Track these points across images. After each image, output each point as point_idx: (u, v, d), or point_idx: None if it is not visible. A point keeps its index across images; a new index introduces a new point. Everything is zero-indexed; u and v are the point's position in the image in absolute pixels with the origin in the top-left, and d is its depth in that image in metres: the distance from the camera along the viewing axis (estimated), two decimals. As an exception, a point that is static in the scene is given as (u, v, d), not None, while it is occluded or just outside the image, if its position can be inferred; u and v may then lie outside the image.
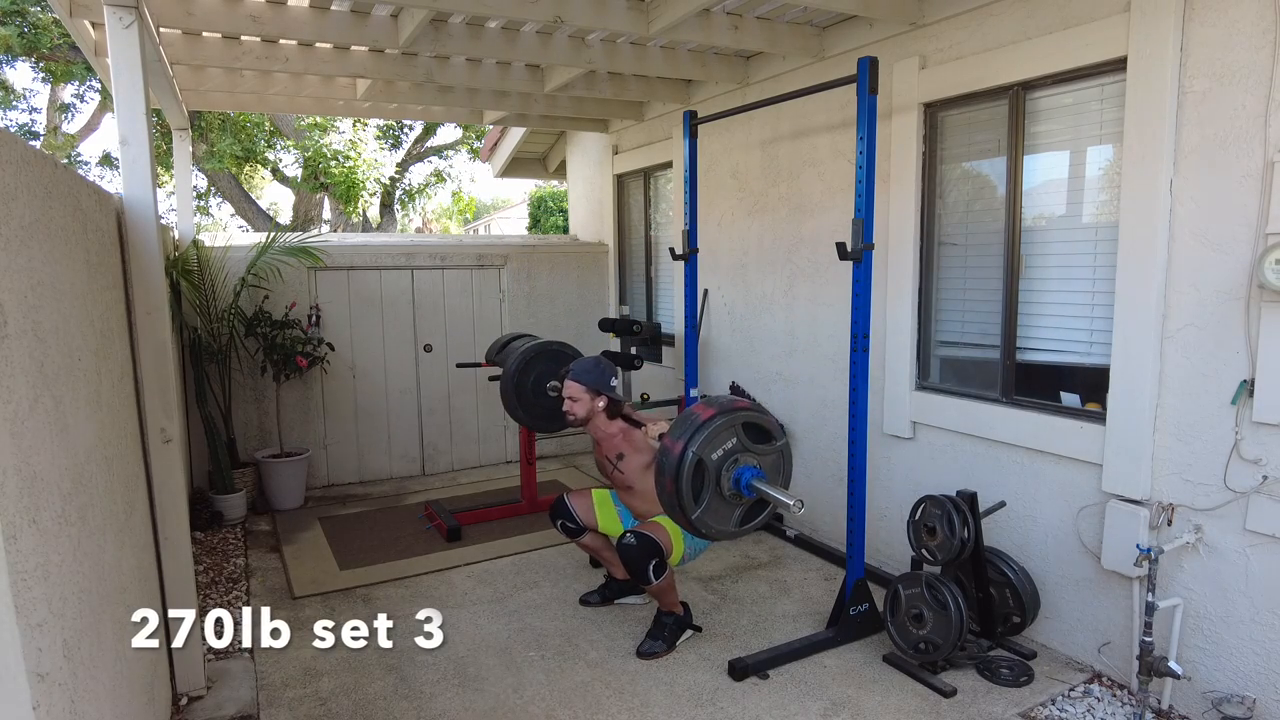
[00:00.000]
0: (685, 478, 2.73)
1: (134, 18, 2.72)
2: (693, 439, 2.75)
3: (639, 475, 3.44)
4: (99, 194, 2.51)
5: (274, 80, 4.92)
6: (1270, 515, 2.62)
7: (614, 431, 3.50)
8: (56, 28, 9.06)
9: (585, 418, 3.48)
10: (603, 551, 3.77)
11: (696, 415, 2.82)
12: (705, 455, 2.77)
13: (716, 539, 2.94)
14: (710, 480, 2.80)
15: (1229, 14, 2.63)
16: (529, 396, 4.21)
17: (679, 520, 2.85)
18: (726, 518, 2.89)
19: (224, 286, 5.18)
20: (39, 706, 1.40)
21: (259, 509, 5.32)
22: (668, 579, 3.31)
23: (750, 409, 2.91)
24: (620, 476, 3.50)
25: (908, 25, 3.77)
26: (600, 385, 3.44)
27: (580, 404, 3.46)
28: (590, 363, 3.51)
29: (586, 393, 3.45)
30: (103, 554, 2.04)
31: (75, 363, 1.93)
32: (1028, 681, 3.12)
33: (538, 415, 4.28)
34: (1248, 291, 2.63)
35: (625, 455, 3.47)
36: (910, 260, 3.88)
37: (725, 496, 2.84)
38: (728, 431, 2.82)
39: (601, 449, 3.57)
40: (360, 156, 11.76)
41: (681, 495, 2.74)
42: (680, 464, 2.74)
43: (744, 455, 2.85)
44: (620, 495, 3.63)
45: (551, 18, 3.59)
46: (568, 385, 3.49)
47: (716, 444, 2.79)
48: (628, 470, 3.47)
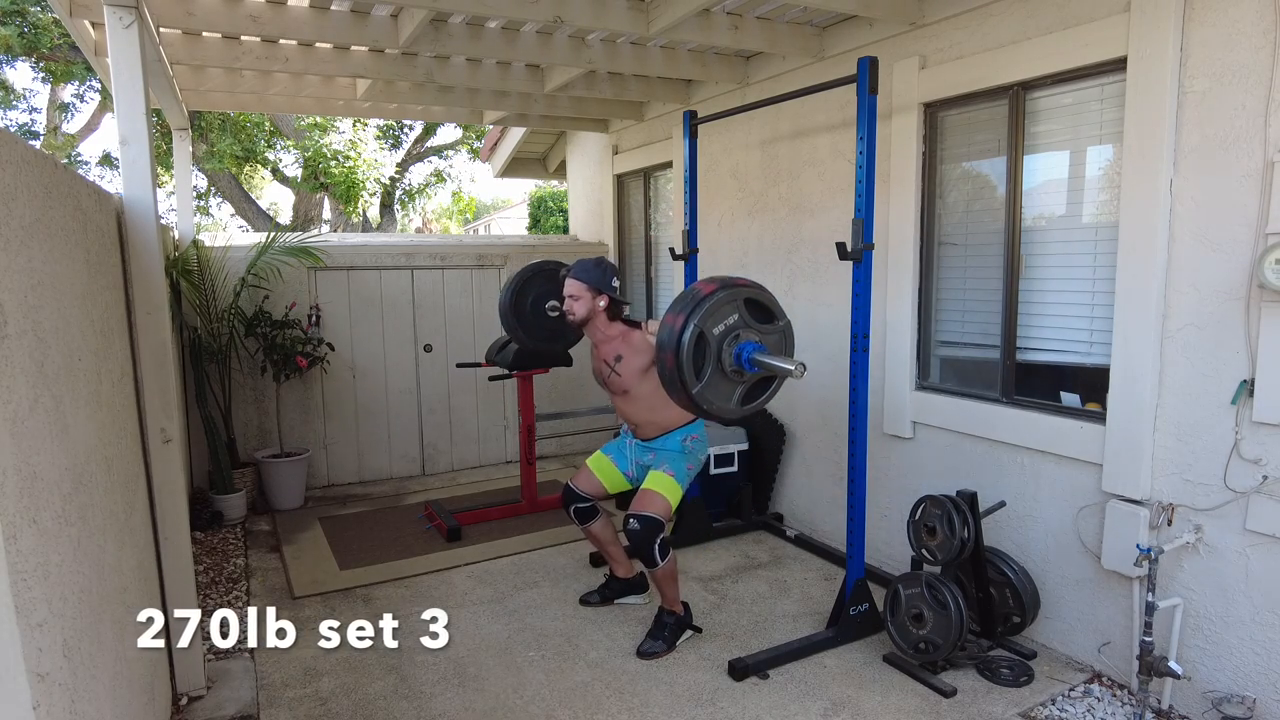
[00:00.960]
0: (686, 352, 2.67)
1: (134, 18, 2.72)
2: (694, 313, 2.69)
3: (637, 379, 3.39)
4: (99, 194, 2.51)
5: (274, 80, 4.92)
6: (1270, 515, 2.63)
7: (614, 334, 3.44)
8: (56, 28, 9.05)
9: (586, 317, 3.41)
10: (609, 546, 3.76)
11: (698, 290, 2.77)
12: (707, 329, 2.70)
13: (719, 417, 2.86)
14: (711, 355, 2.73)
15: (1229, 14, 2.63)
16: (528, 316, 4.14)
17: (680, 398, 2.78)
18: (728, 395, 2.83)
19: (224, 286, 5.18)
20: (39, 706, 1.40)
21: (259, 509, 5.32)
22: (670, 565, 3.33)
23: (752, 285, 2.85)
24: (617, 380, 3.44)
25: (908, 25, 3.77)
26: (602, 284, 3.38)
27: (581, 302, 3.40)
28: (591, 262, 3.44)
29: (588, 291, 3.38)
30: (103, 554, 2.04)
31: (75, 363, 1.93)
32: (1028, 681, 3.12)
33: (538, 336, 4.19)
34: (1248, 291, 2.63)
35: (623, 357, 3.40)
36: (910, 260, 3.88)
37: (726, 373, 2.78)
38: (729, 307, 2.76)
39: (600, 352, 3.51)
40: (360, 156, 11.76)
41: (682, 370, 2.68)
42: (681, 338, 2.67)
43: (746, 331, 2.79)
44: (615, 403, 3.56)
45: (551, 18, 3.59)
46: (569, 284, 3.42)
47: (718, 319, 2.73)
48: (625, 373, 3.40)
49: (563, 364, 5.09)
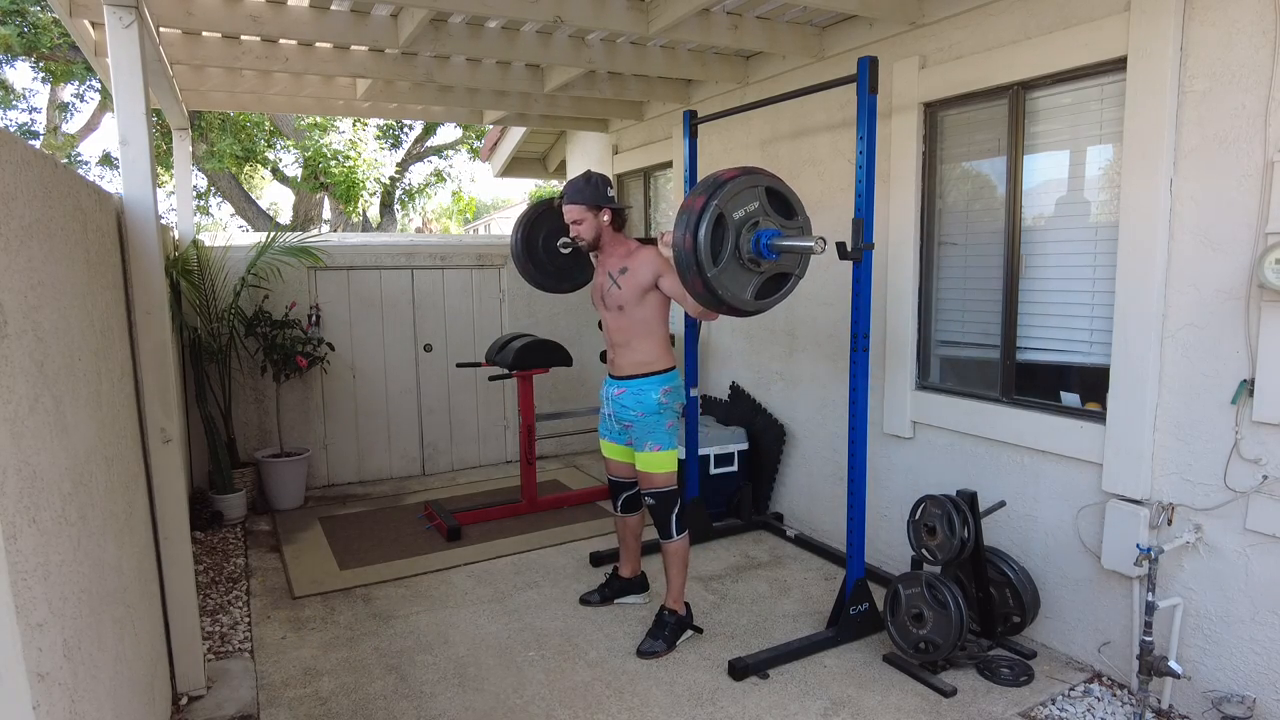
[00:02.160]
0: (705, 233, 2.61)
1: (134, 17, 2.72)
2: (715, 194, 2.65)
3: (635, 296, 3.30)
4: (99, 194, 2.51)
5: (274, 80, 4.92)
6: (1270, 515, 2.63)
7: (622, 250, 3.38)
8: (56, 27, 9.06)
9: (595, 237, 3.35)
10: (631, 540, 3.79)
11: (720, 174, 2.74)
12: (727, 212, 2.67)
13: (732, 307, 2.81)
14: (729, 239, 2.70)
15: (1229, 14, 2.63)
16: (540, 255, 4.12)
17: (695, 284, 2.72)
18: (744, 285, 2.80)
19: (224, 286, 5.18)
20: (39, 706, 1.40)
21: (259, 509, 5.32)
22: (684, 543, 3.41)
23: (773, 176, 2.82)
24: (615, 293, 3.34)
25: (908, 25, 3.77)
26: (598, 199, 3.31)
27: (586, 224, 3.33)
28: (580, 180, 3.35)
29: (588, 210, 3.32)
30: (103, 554, 2.04)
31: (75, 363, 1.93)
32: (1028, 681, 3.12)
33: (551, 274, 4.17)
34: (1248, 291, 2.63)
35: (629, 269, 3.32)
36: (910, 260, 3.88)
37: (744, 261, 2.75)
38: (750, 193, 2.73)
39: (604, 265, 3.43)
40: (360, 156, 11.76)
41: (699, 251, 2.63)
42: (700, 218, 2.62)
43: (765, 220, 2.77)
44: (606, 322, 3.46)
45: (551, 18, 3.59)
46: (568, 210, 3.35)
47: (739, 204, 2.70)
48: (626, 286, 3.31)
49: (563, 364, 5.10)
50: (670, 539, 3.39)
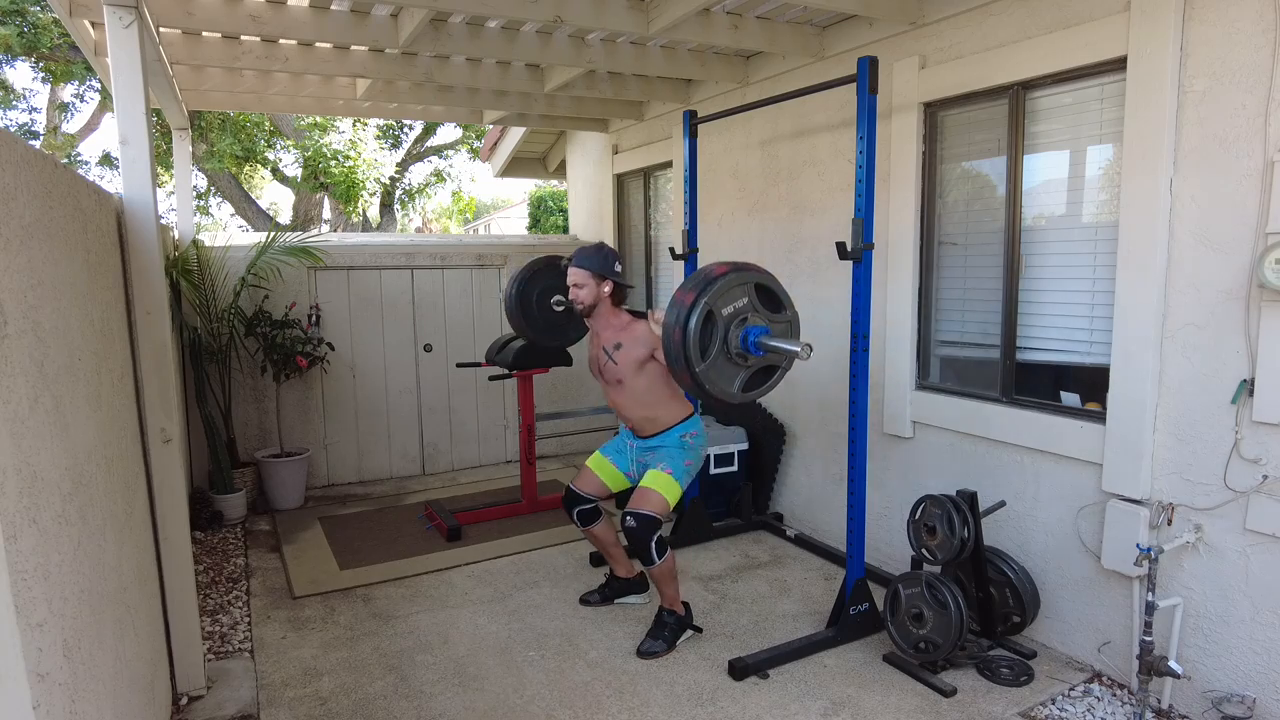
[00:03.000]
0: (694, 329, 2.68)
1: (134, 17, 2.72)
2: (704, 291, 2.70)
3: (632, 370, 3.38)
4: (99, 194, 2.51)
5: (274, 80, 4.92)
6: (1270, 515, 2.63)
7: (618, 322, 3.46)
8: (56, 27, 9.06)
9: (592, 304, 3.42)
10: (610, 547, 3.77)
11: (710, 270, 2.79)
12: (716, 309, 2.72)
13: (719, 400, 2.87)
14: (718, 335, 2.75)
15: (1229, 14, 2.63)
16: (534, 310, 4.15)
17: (683, 378, 2.79)
18: (731, 378, 2.85)
19: (224, 286, 5.18)
20: (39, 706, 1.40)
21: (259, 509, 5.32)
22: (669, 562, 3.34)
23: (763, 272, 2.87)
24: (612, 368, 3.42)
25: (908, 25, 3.77)
26: (605, 269, 3.39)
27: (586, 290, 3.40)
28: (593, 248, 3.44)
29: (592, 278, 3.39)
30: (103, 554, 2.04)
31: (75, 363, 1.93)
32: (1028, 681, 3.12)
33: (542, 329, 4.21)
34: (1248, 291, 2.63)
35: (623, 345, 3.39)
36: (910, 260, 3.88)
37: (732, 355, 2.80)
38: (740, 289, 2.78)
39: (599, 339, 3.50)
40: (360, 156, 11.75)
41: (688, 347, 2.69)
42: (690, 314, 2.68)
43: (754, 316, 2.81)
44: (608, 394, 3.54)
45: (551, 17, 3.59)
46: (572, 272, 3.42)
47: (728, 300, 2.75)
48: (622, 361, 3.39)
49: (563, 364, 5.09)
50: (653, 565, 3.32)
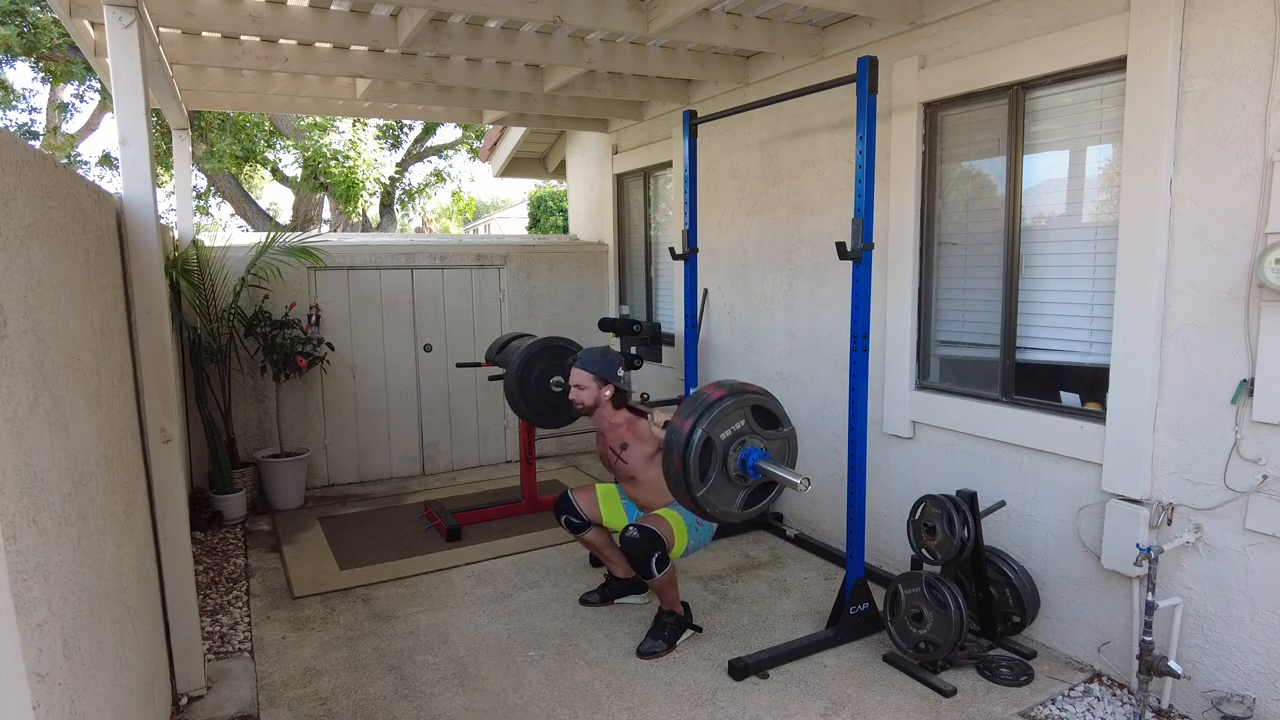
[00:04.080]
0: (693, 455, 2.75)
1: (134, 18, 2.72)
2: (702, 418, 2.77)
3: (642, 466, 3.47)
4: (99, 194, 2.51)
5: (274, 80, 4.92)
6: (1270, 515, 2.63)
7: (619, 421, 3.53)
8: (56, 28, 9.05)
9: (592, 405, 3.51)
10: (604, 550, 3.77)
11: (707, 395, 2.84)
12: (714, 434, 2.78)
13: (720, 520, 2.95)
14: (717, 460, 2.81)
15: (1229, 14, 2.63)
16: (532, 391, 4.24)
17: (684, 499, 2.86)
18: (731, 499, 2.90)
19: (224, 286, 5.19)
20: (39, 706, 1.40)
21: (259, 509, 5.32)
22: (669, 574, 3.32)
23: (759, 393, 2.93)
24: (624, 467, 3.52)
25: (907, 25, 3.77)
26: (608, 374, 3.48)
27: (587, 392, 3.49)
28: (598, 352, 3.54)
29: (594, 381, 3.48)
30: (103, 554, 2.04)
31: (75, 363, 1.93)
32: (1028, 681, 3.12)
33: (540, 410, 4.29)
34: (1247, 291, 2.63)
35: (629, 445, 3.49)
36: (910, 260, 3.88)
37: (731, 477, 2.86)
38: (737, 413, 2.83)
39: (605, 440, 3.59)
40: (360, 156, 11.75)
41: (689, 473, 2.75)
42: (689, 442, 2.75)
43: (751, 438, 2.87)
44: (625, 487, 3.64)
45: (551, 18, 3.59)
46: (575, 373, 3.51)
47: (725, 424, 2.81)
48: (631, 460, 3.49)
49: (563, 364, 5.10)
50: (652, 578, 3.28)
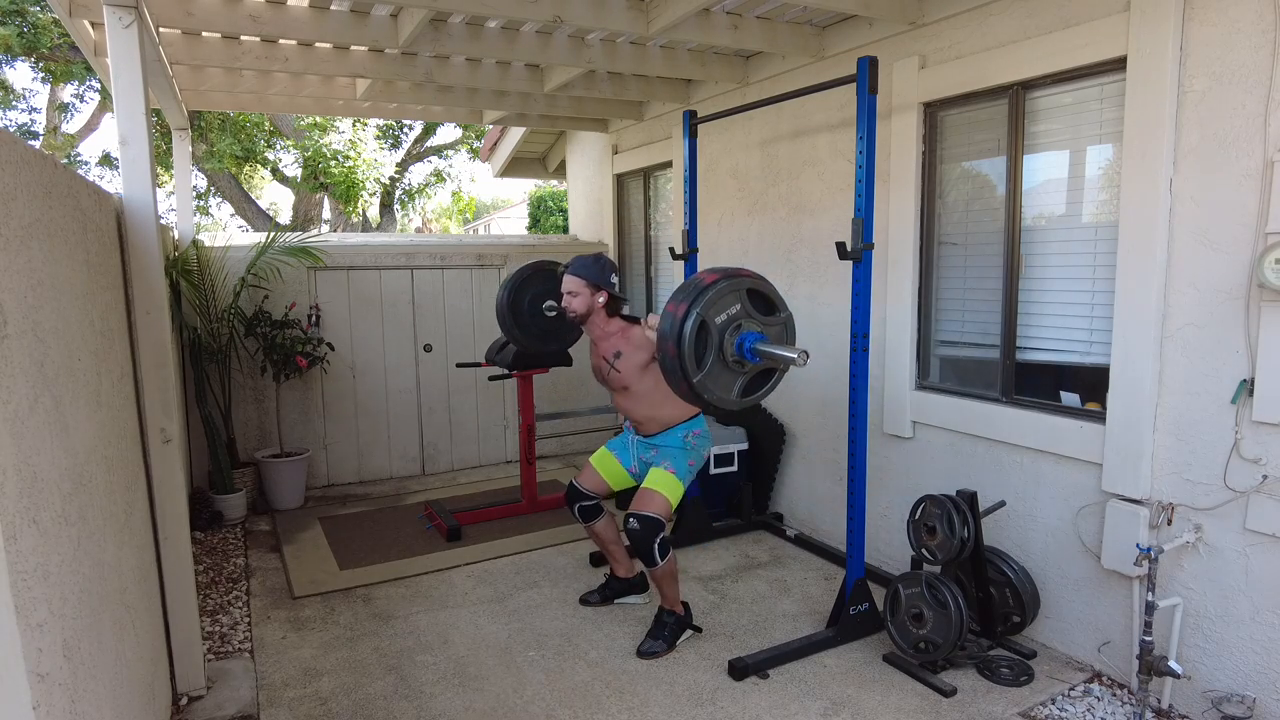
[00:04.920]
0: (688, 340, 2.67)
1: (134, 18, 2.72)
2: (696, 301, 2.70)
3: (636, 375, 3.41)
4: (99, 194, 2.51)
5: (274, 80, 4.92)
6: (1270, 515, 2.63)
7: (613, 330, 3.47)
8: (56, 28, 9.05)
9: (585, 313, 3.44)
10: (611, 545, 3.77)
11: (700, 280, 2.78)
12: (709, 318, 2.71)
13: (718, 408, 2.86)
14: (713, 345, 2.74)
15: (1228, 13, 2.63)
16: (525, 316, 4.14)
17: (680, 387, 2.78)
18: (729, 385, 2.84)
19: (224, 286, 5.18)
20: (39, 706, 1.40)
21: (259, 509, 5.32)
22: (671, 563, 3.34)
23: (754, 277, 2.86)
24: (617, 376, 3.45)
25: (907, 25, 3.77)
26: (600, 280, 3.40)
27: (580, 299, 3.42)
28: (590, 259, 3.45)
29: (586, 287, 3.41)
30: (103, 554, 2.04)
31: (75, 363, 1.93)
32: (1028, 681, 3.12)
33: (535, 335, 4.20)
34: (1247, 291, 2.63)
35: (623, 353, 3.42)
36: (910, 260, 3.88)
37: (728, 363, 2.80)
38: (732, 296, 2.77)
39: (599, 349, 3.52)
40: (360, 156, 11.75)
41: (684, 359, 2.69)
42: (683, 327, 2.68)
43: (748, 322, 2.80)
44: (617, 400, 3.57)
45: (551, 18, 3.59)
46: (567, 280, 3.44)
47: (720, 308, 2.74)
48: (625, 369, 3.42)
49: (563, 364, 5.09)
50: (655, 566, 3.32)
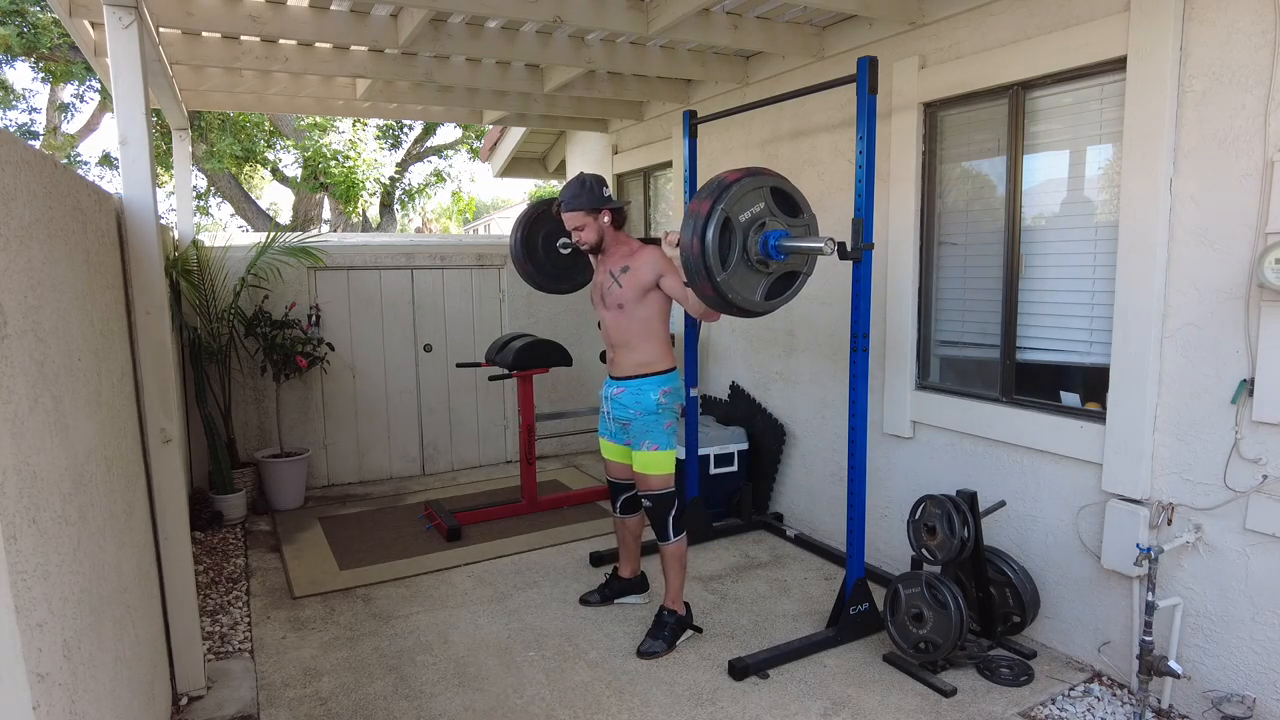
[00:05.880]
0: (712, 238, 2.62)
1: (133, 18, 2.72)
2: (720, 198, 2.65)
3: (635, 295, 3.30)
4: (99, 194, 2.51)
5: (274, 80, 4.92)
6: (1270, 514, 2.63)
7: (625, 248, 3.38)
8: (56, 28, 9.06)
9: (598, 240, 3.36)
10: (630, 541, 3.79)
11: (723, 178, 2.75)
12: (733, 214, 2.67)
13: (743, 309, 2.82)
14: (737, 243, 2.70)
15: (1228, 13, 2.63)
16: (540, 255, 4.12)
17: (704, 288, 2.73)
18: (753, 287, 2.80)
19: (224, 286, 5.18)
20: (39, 706, 1.40)
21: (259, 509, 5.32)
22: (681, 546, 3.42)
23: (777, 175, 2.83)
24: (617, 292, 3.32)
25: (907, 25, 3.77)
26: (596, 201, 3.30)
27: (588, 229, 3.33)
28: (575, 187, 3.31)
29: (588, 215, 3.31)
30: (103, 554, 2.04)
31: (75, 363, 1.93)
32: (1028, 681, 3.12)
33: (550, 274, 4.16)
34: (1247, 291, 2.63)
35: (630, 269, 3.32)
36: (910, 260, 3.88)
37: (752, 263, 2.76)
38: (755, 194, 2.74)
39: (606, 264, 3.42)
40: (360, 156, 11.76)
41: (708, 256, 2.64)
42: (707, 223, 2.62)
43: (772, 220, 2.78)
44: (605, 320, 3.44)
45: (551, 18, 3.59)
46: (568, 217, 3.34)
47: (744, 206, 2.70)
48: (627, 285, 3.31)
49: (563, 364, 5.10)
50: (667, 541, 3.40)
